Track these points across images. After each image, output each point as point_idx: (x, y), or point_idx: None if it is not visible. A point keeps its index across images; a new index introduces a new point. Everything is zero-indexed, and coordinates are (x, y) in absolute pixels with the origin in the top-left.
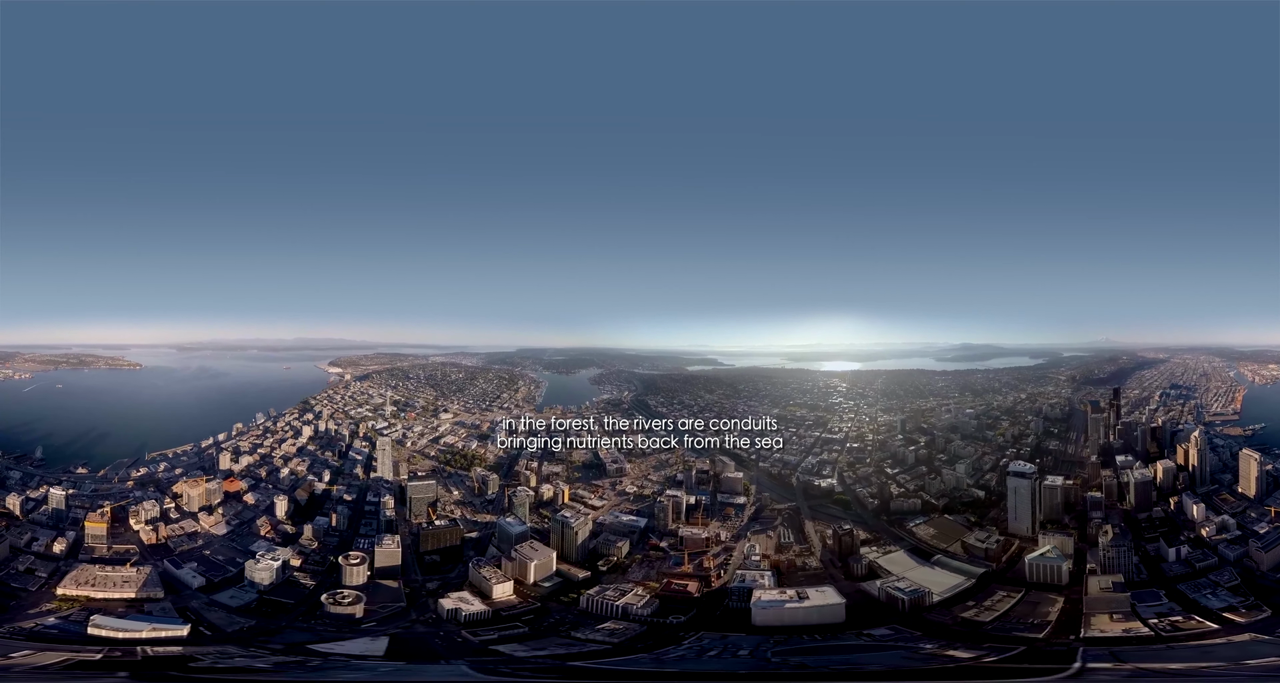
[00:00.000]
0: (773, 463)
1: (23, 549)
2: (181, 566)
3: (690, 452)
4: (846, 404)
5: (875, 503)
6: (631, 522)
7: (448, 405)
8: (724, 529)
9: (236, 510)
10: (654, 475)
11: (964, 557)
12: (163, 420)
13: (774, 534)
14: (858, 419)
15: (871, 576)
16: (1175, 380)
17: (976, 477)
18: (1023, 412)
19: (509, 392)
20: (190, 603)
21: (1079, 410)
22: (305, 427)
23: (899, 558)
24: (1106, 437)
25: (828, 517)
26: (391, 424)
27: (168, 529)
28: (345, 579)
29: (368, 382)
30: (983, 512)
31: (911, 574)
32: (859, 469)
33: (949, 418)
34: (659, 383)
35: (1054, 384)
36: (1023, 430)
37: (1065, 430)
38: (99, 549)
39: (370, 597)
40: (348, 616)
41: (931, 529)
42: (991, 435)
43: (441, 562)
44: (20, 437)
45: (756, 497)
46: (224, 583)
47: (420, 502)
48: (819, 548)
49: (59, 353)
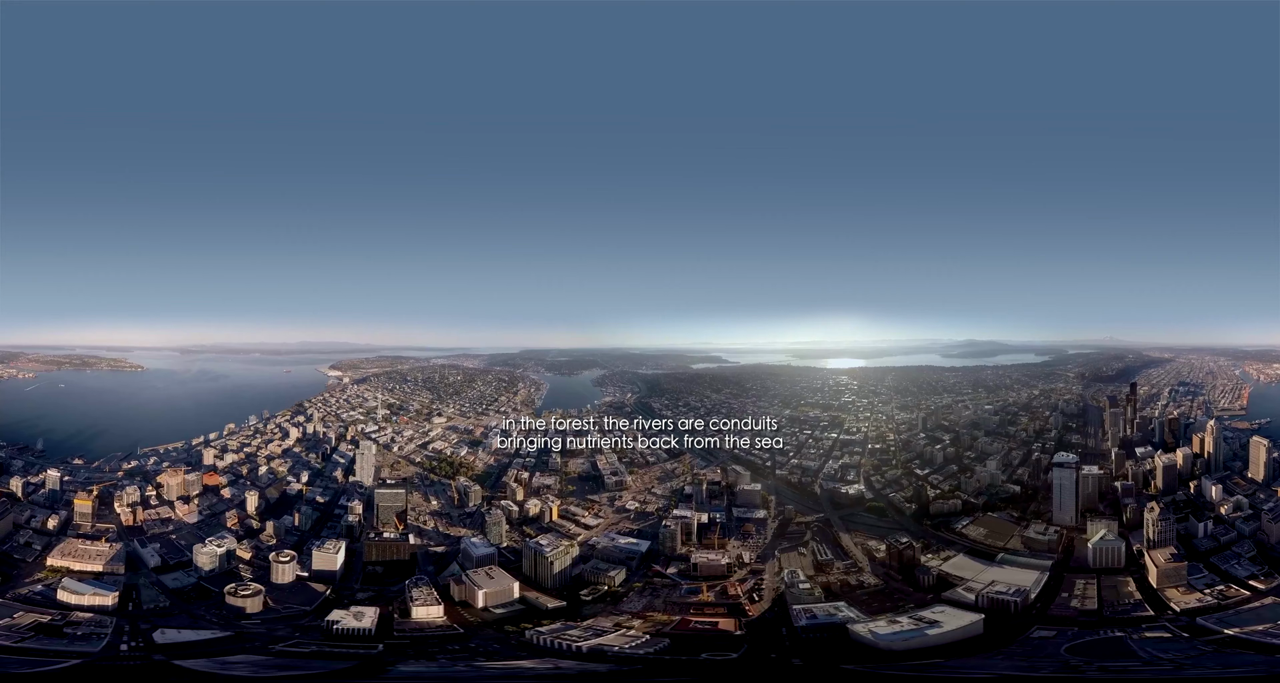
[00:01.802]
0: (790, 469)
1: (23, 525)
2: (146, 545)
3: (695, 456)
4: (860, 402)
5: (913, 508)
6: (630, 546)
7: (443, 409)
8: (745, 549)
9: (211, 502)
10: (658, 488)
11: (1025, 552)
12: (158, 420)
13: (807, 551)
14: (874, 418)
15: (942, 585)
16: (1182, 378)
17: (1008, 472)
18: (1039, 407)
19: (508, 395)
20: (139, 580)
21: (1093, 406)
22: (293, 429)
23: (961, 562)
24: (1126, 430)
25: (864, 527)
26: (381, 428)
27: (145, 513)
28: (271, 576)
29: (364, 385)
30: (1023, 506)
31: (983, 577)
32: (887, 472)
33: (969, 415)
34: (663, 383)
35: (1064, 381)
36: (1042, 426)
37: (1082, 425)
38: (84, 526)
39: (286, 596)
40: (239, 608)
41: (981, 529)
42: (1014, 431)
43: (385, 574)
44: (23, 431)
45: (778, 509)
46: (177, 565)
47: (387, 510)
48: (866, 562)
49: (63, 354)
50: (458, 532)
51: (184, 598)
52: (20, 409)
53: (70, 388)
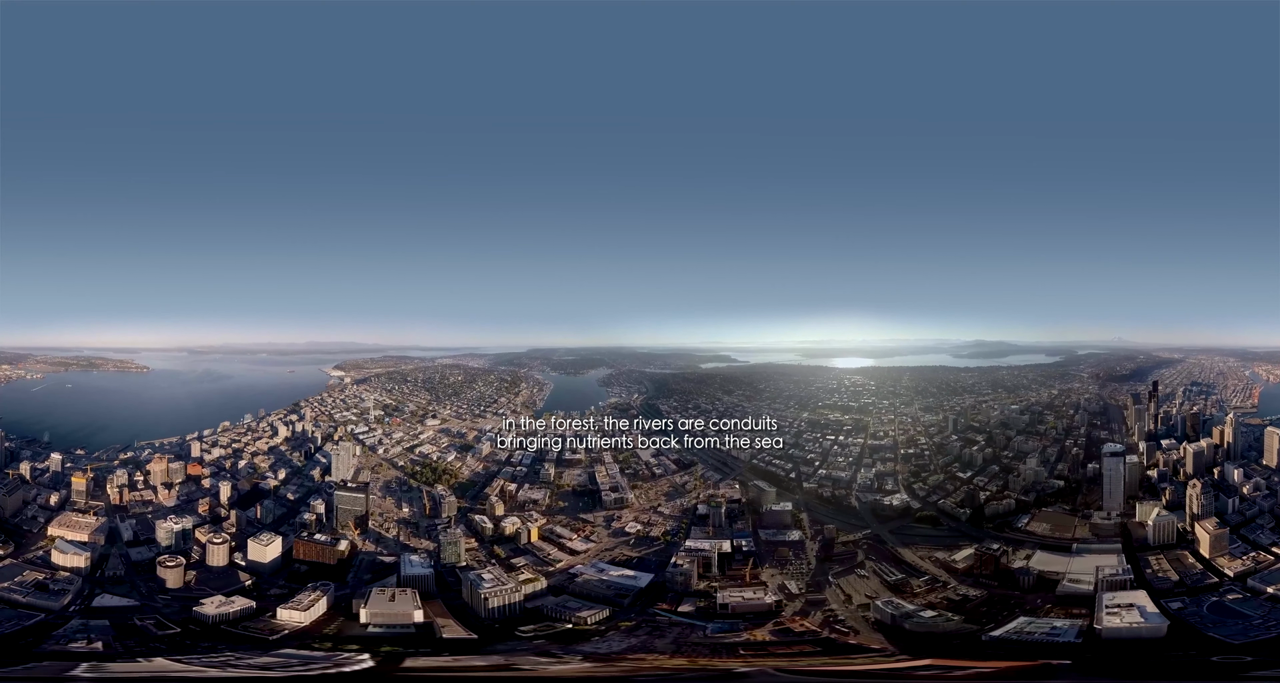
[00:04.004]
0: (819, 481)
1: (30, 502)
2: (124, 521)
3: (708, 468)
4: (881, 404)
5: (967, 512)
6: (622, 580)
7: (439, 411)
8: (785, 577)
9: (190, 490)
10: (666, 507)
11: (1094, 540)
12: (158, 418)
13: (868, 572)
14: (899, 421)
15: (1044, 583)
16: (1194, 378)
17: (1049, 468)
18: (1061, 406)
19: (509, 396)
20: (111, 550)
21: (1113, 404)
22: (283, 427)
23: (1043, 558)
24: (1151, 425)
25: (922, 539)
26: (372, 429)
27: (130, 494)
28: (206, 556)
29: (364, 385)
30: (1070, 498)
31: (1074, 568)
32: (928, 478)
33: (997, 415)
34: (671, 383)
35: (1079, 381)
36: (1069, 423)
37: (1106, 422)
38: (79, 503)
39: (213, 579)
40: (162, 580)
41: (1044, 524)
42: (1044, 429)
43: (309, 574)
44: (31, 427)
45: (815, 528)
46: (146, 541)
47: (345, 512)
48: (945, 575)
49: (70, 355)
50: (419, 544)
51: (139, 570)
52: (29, 407)
53: (77, 388)
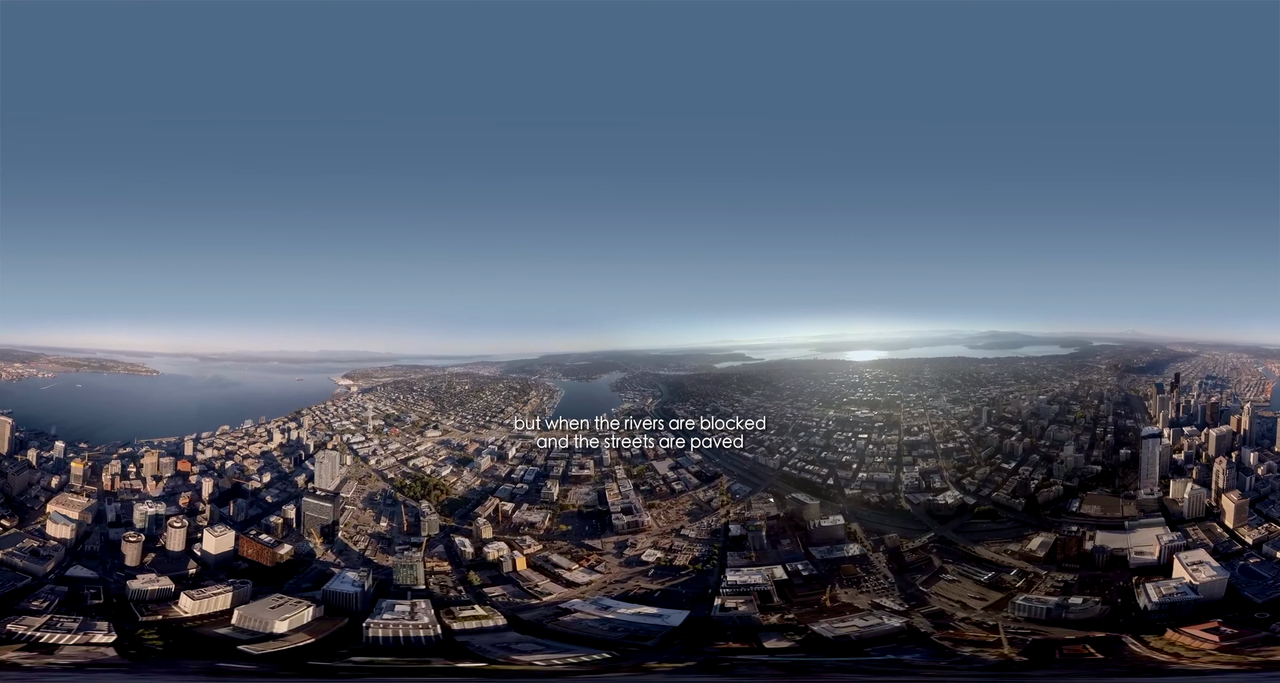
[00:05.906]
0: (862, 486)
1: (35, 484)
2: (110, 504)
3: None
4: (908, 397)
5: (1021, 502)
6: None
7: (441, 421)
8: (871, 596)
9: (176, 484)
10: (690, 528)
11: (1140, 516)
12: (161, 419)
13: (954, 574)
14: (929, 414)
15: (1115, 560)
16: (1208, 372)
17: (1085, 455)
18: (1085, 396)
19: (517, 404)
20: (95, 528)
21: (1133, 395)
22: (279, 434)
23: (1103, 536)
24: (1173, 413)
25: (986, 534)
26: (369, 439)
27: (122, 483)
28: (166, 541)
29: (369, 394)
30: (1109, 481)
31: (1134, 541)
32: (975, 472)
33: (1028, 406)
34: (686, 385)
35: (1097, 372)
36: (1095, 412)
37: (1129, 411)
38: (76, 485)
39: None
40: (123, 556)
41: (1095, 506)
42: (1073, 418)
43: (249, 572)
44: (40, 421)
45: (874, 539)
46: (126, 523)
47: (311, 520)
48: (1028, 565)
49: (82, 357)
50: (383, 560)
51: (111, 548)
52: (39, 404)
53: (86, 388)
